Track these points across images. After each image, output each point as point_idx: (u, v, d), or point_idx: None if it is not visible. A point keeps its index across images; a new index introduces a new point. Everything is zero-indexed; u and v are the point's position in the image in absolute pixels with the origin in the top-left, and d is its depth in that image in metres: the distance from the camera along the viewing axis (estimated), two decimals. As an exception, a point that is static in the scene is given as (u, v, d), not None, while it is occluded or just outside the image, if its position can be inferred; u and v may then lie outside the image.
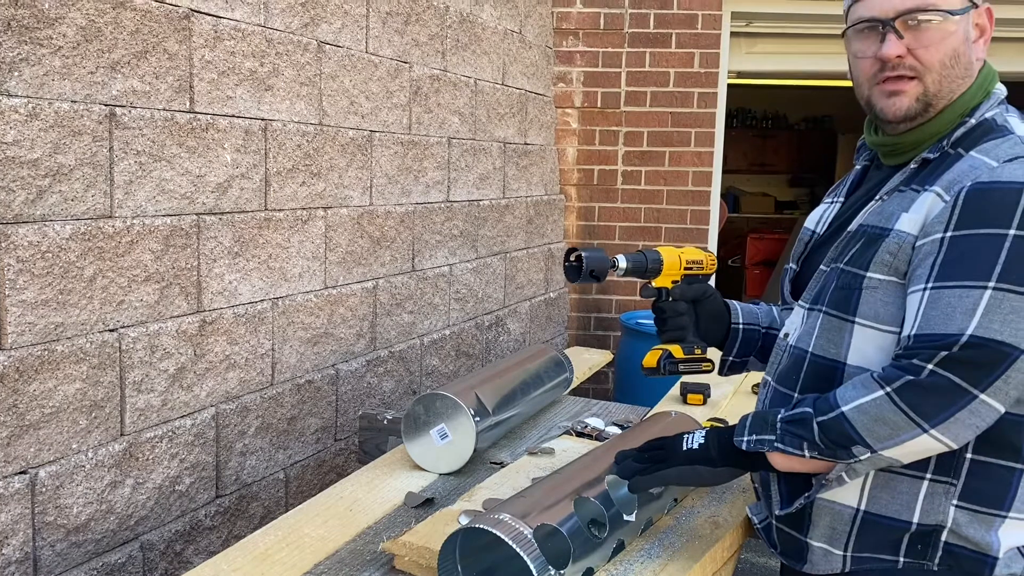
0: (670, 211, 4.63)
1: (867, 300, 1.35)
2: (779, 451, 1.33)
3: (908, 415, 1.20)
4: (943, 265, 1.24)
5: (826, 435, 1.27)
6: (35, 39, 1.82)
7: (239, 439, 2.45)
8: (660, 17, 4.52)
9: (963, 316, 1.19)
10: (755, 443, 1.35)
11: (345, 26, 2.80)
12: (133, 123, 2.05)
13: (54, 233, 1.88)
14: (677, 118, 4.57)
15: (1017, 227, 1.21)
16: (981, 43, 1.38)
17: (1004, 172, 1.25)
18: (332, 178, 2.77)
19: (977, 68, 1.39)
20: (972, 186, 1.26)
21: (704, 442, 1.44)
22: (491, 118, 3.76)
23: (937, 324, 1.21)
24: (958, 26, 1.34)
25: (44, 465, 1.90)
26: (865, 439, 1.24)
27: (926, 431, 1.20)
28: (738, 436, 1.38)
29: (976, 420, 1.20)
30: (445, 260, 3.45)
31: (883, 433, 1.23)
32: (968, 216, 1.24)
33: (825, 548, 1.42)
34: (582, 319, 4.75)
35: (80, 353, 1.96)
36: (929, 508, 1.33)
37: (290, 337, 2.62)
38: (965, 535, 1.32)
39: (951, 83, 1.36)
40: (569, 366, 2.62)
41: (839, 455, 1.28)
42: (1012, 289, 1.19)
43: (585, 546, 1.46)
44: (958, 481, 1.32)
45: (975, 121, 1.36)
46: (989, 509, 1.31)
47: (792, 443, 1.31)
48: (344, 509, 1.83)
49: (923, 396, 1.19)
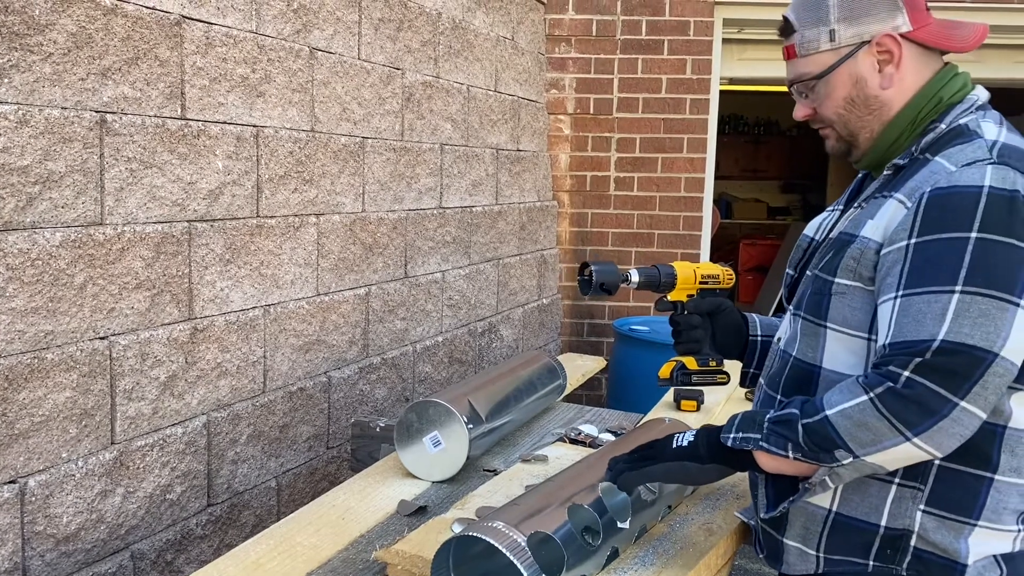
0: (663, 217, 4.64)
1: (836, 305, 1.37)
2: (764, 450, 1.33)
3: (891, 422, 1.20)
4: (910, 273, 1.25)
5: (810, 438, 1.27)
6: (25, 45, 1.81)
7: (231, 447, 2.43)
8: (652, 24, 4.53)
9: (933, 321, 1.20)
10: (741, 440, 1.36)
11: (337, 32, 2.79)
12: (124, 130, 2.04)
13: (44, 240, 1.87)
14: (669, 124, 4.58)
15: (978, 230, 1.22)
16: (892, 68, 1.40)
17: (962, 176, 1.27)
18: (324, 185, 2.76)
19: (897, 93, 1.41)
20: (931, 192, 1.28)
21: (693, 440, 1.44)
22: (484, 124, 3.76)
23: (909, 331, 1.22)
24: (839, 78, 1.42)
25: (34, 474, 1.88)
26: (848, 444, 1.24)
27: (908, 439, 1.20)
28: (725, 433, 1.39)
29: (959, 428, 1.19)
30: (438, 266, 3.44)
31: (865, 439, 1.23)
32: (929, 222, 1.26)
33: (800, 548, 1.45)
34: (575, 325, 4.75)
35: (70, 361, 1.94)
36: (896, 512, 1.34)
37: (282, 344, 2.61)
38: (932, 540, 1.33)
39: (858, 123, 1.44)
40: (562, 373, 2.62)
41: (822, 458, 1.27)
42: (979, 292, 1.20)
43: (579, 554, 1.45)
44: (925, 487, 1.33)
45: (946, 126, 1.38)
46: (957, 516, 1.32)
47: (777, 443, 1.31)
48: (336, 517, 1.82)
49: (904, 404, 1.19)
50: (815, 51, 1.43)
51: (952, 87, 1.41)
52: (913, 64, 1.41)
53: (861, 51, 1.40)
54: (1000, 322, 1.18)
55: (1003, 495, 1.31)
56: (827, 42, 1.41)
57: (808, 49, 1.43)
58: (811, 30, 1.43)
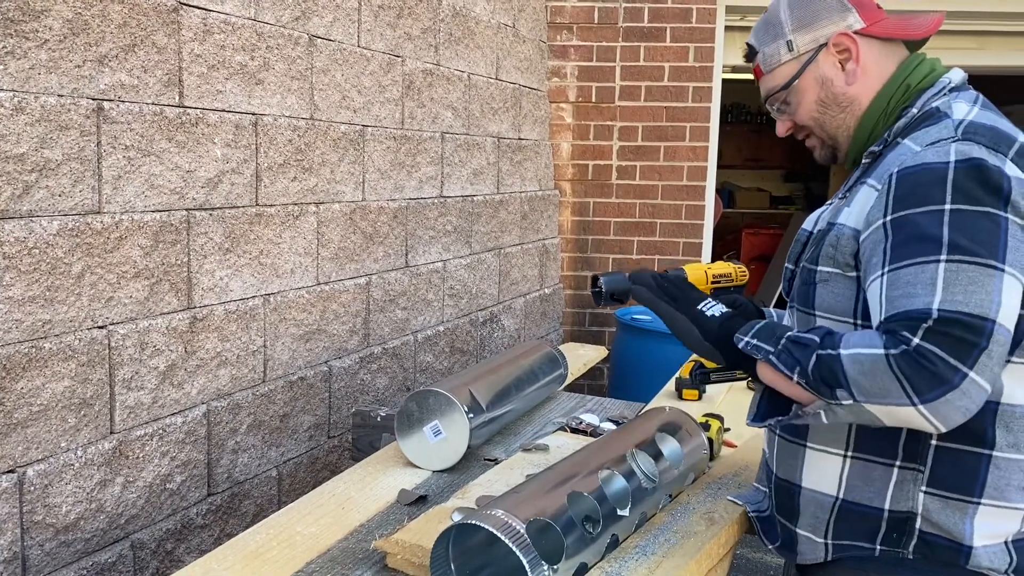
0: (665, 206, 4.62)
1: (821, 293, 1.42)
2: (771, 364, 1.33)
3: (902, 384, 1.18)
4: (893, 248, 1.27)
5: (818, 368, 1.26)
6: (20, 32, 1.80)
7: (231, 437, 2.43)
8: (654, 11, 4.50)
9: (924, 291, 1.20)
10: (752, 347, 1.36)
11: (337, 20, 2.77)
12: (121, 117, 2.03)
13: (41, 229, 1.86)
14: (672, 113, 4.56)
15: (951, 201, 1.24)
16: (852, 64, 1.47)
17: (927, 155, 1.30)
18: (324, 173, 2.74)
19: (864, 86, 1.47)
20: (899, 172, 1.31)
21: (716, 316, 1.46)
22: (485, 113, 3.74)
23: (902, 302, 1.22)
24: (806, 83, 1.50)
25: (32, 464, 1.88)
26: (851, 387, 1.22)
27: (915, 405, 1.18)
28: (740, 334, 1.39)
29: (966, 402, 1.17)
30: (439, 256, 3.43)
31: (871, 389, 1.21)
32: (902, 199, 1.28)
33: (809, 536, 1.48)
34: (577, 315, 4.73)
35: (68, 350, 1.93)
36: (899, 495, 1.37)
37: (282, 334, 2.60)
38: (936, 522, 1.34)
39: (833, 123, 1.51)
40: (564, 362, 2.61)
41: (822, 392, 1.26)
42: (964, 259, 1.20)
43: (579, 541, 1.44)
44: (925, 468, 1.35)
45: (917, 111, 1.42)
46: (958, 495, 1.33)
47: (786, 362, 1.31)
48: (336, 507, 1.81)
49: (918, 369, 1.17)
50: (778, 64, 1.52)
51: (919, 73, 1.46)
52: (874, 58, 1.47)
53: (820, 54, 1.49)
54: (989, 288, 1.19)
55: (1004, 472, 1.32)
56: (787, 53, 1.51)
57: (771, 64, 1.53)
58: (770, 46, 1.52)
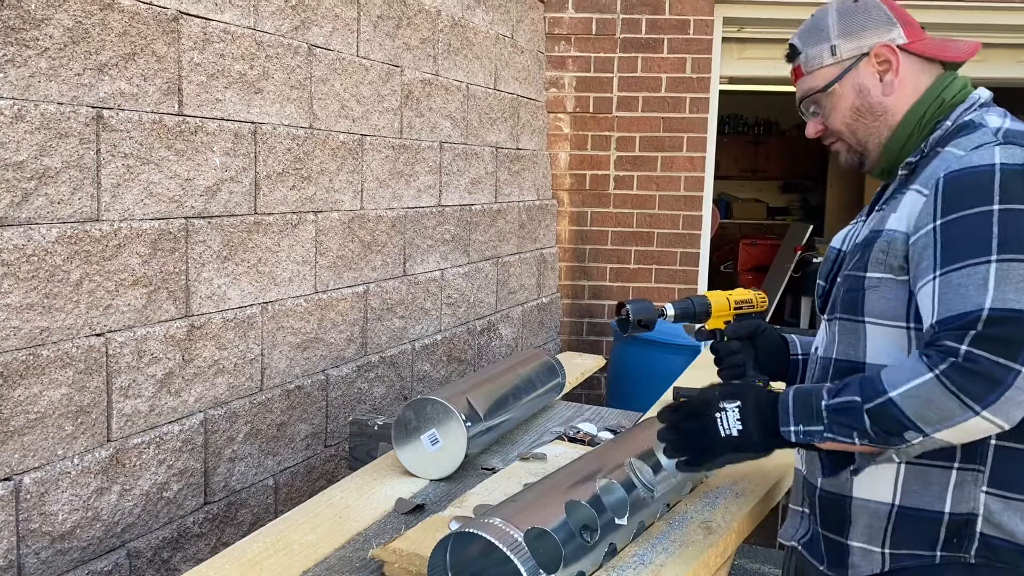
0: (662, 216, 4.63)
1: (870, 299, 1.41)
2: (829, 440, 1.32)
3: (960, 398, 1.20)
4: (943, 251, 1.29)
5: (876, 424, 1.26)
6: (21, 40, 1.80)
7: (228, 445, 2.42)
8: (652, 22, 4.52)
9: (976, 292, 1.22)
10: (804, 435, 1.34)
11: (336, 29, 2.78)
12: (121, 125, 2.03)
13: (40, 236, 1.86)
14: (669, 123, 4.57)
15: (1000, 202, 1.26)
16: (891, 75, 1.49)
17: (972, 158, 1.33)
18: (323, 182, 2.75)
19: (899, 98, 1.50)
20: (946, 175, 1.34)
21: (743, 428, 1.41)
22: (483, 122, 3.75)
23: (955, 305, 1.24)
24: (844, 89, 1.52)
25: (29, 472, 1.87)
26: (916, 423, 1.24)
27: (978, 413, 1.20)
28: (784, 426, 1.37)
29: (1023, 396, 1.19)
30: (437, 265, 3.43)
31: (934, 417, 1.22)
32: (951, 202, 1.31)
33: (864, 547, 1.43)
34: (575, 324, 4.74)
35: (66, 358, 1.93)
36: (960, 497, 1.35)
37: (280, 342, 2.60)
38: (998, 523, 1.33)
39: (865, 131, 1.52)
40: (561, 371, 2.61)
41: (891, 441, 1.27)
42: (1015, 258, 1.23)
43: (576, 550, 1.44)
44: (985, 467, 1.34)
45: (951, 123, 1.45)
46: (1021, 495, 1.33)
47: (842, 432, 1.30)
48: (334, 515, 1.81)
49: (970, 378, 1.19)
50: (819, 67, 1.53)
51: (953, 88, 1.50)
52: (912, 73, 1.50)
53: (861, 62, 1.51)
54: None
55: None
56: (829, 57, 1.52)
57: (812, 66, 1.54)
58: (814, 48, 1.54)
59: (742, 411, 1.42)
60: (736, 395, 1.44)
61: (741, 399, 1.42)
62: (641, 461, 1.73)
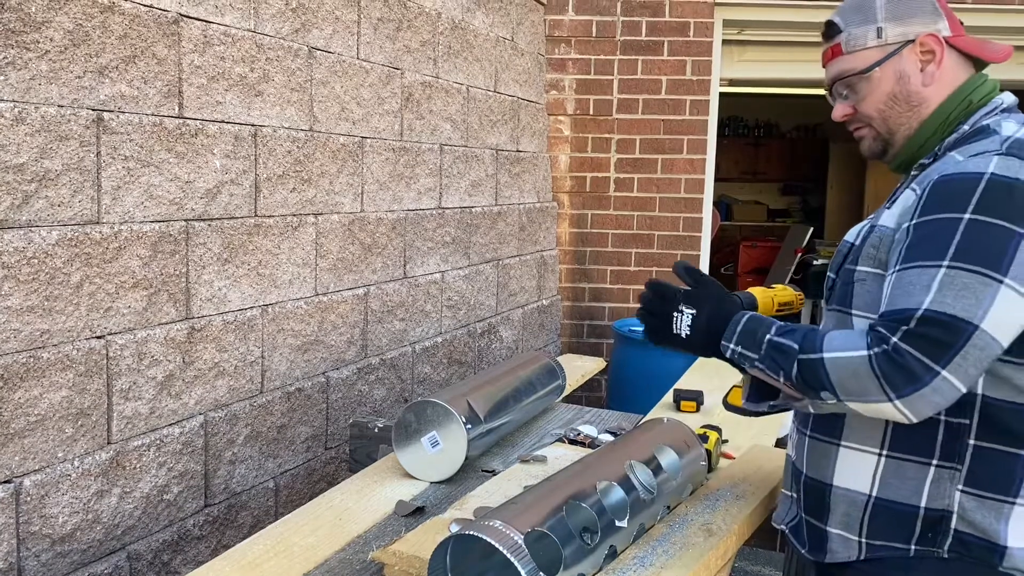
0: (663, 218, 4.63)
1: (858, 292, 1.44)
2: (757, 369, 1.41)
3: (880, 382, 1.26)
4: (907, 249, 1.33)
5: (801, 374, 1.33)
6: (21, 43, 1.80)
7: (228, 447, 2.42)
8: (652, 25, 4.52)
9: (920, 292, 1.27)
10: (739, 356, 1.43)
11: (336, 32, 2.78)
12: (121, 128, 2.03)
13: (40, 239, 1.86)
14: (669, 125, 4.57)
15: (972, 211, 1.28)
16: (933, 66, 1.48)
17: (968, 164, 1.34)
18: (323, 184, 2.75)
19: (936, 91, 1.49)
20: (938, 178, 1.36)
21: (691, 333, 1.50)
22: (483, 125, 3.75)
23: (899, 300, 1.29)
24: (883, 73, 1.49)
25: (29, 474, 1.87)
26: (835, 388, 1.30)
27: (891, 400, 1.26)
28: (725, 341, 1.44)
29: (937, 398, 1.24)
30: (437, 267, 3.43)
31: (853, 389, 1.29)
32: (930, 204, 1.34)
33: (842, 534, 1.47)
34: (575, 327, 4.73)
35: (66, 360, 1.93)
36: (935, 493, 1.38)
37: (280, 344, 2.60)
38: (972, 521, 1.36)
39: (897, 120, 1.51)
40: (562, 373, 2.61)
41: (807, 394, 1.35)
42: (963, 267, 1.26)
43: (577, 552, 1.44)
44: (962, 466, 1.36)
45: (969, 128, 1.45)
46: (995, 495, 1.35)
47: (770, 367, 1.38)
48: (334, 518, 1.81)
49: (894, 368, 1.25)
50: (862, 47, 1.50)
51: (982, 91, 1.50)
52: (951, 68, 1.50)
53: (906, 49, 1.49)
54: (982, 296, 1.24)
55: None
56: (874, 39, 1.49)
57: (854, 46, 1.51)
58: (858, 28, 1.50)
59: (695, 319, 1.50)
60: (696, 304, 1.52)
61: (698, 309, 1.50)
62: (641, 463, 1.73)
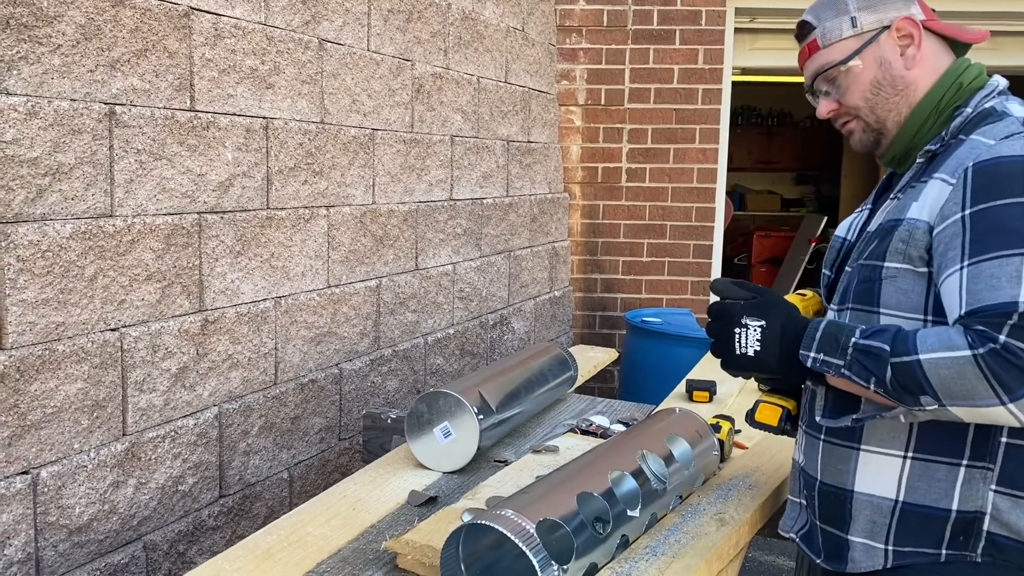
0: (675, 208, 4.61)
1: (887, 290, 1.37)
2: (843, 377, 1.31)
3: (991, 383, 1.17)
4: (973, 242, 1.25)
5: (897, 378, 1.24)
6: (34, 37, 1.81)
7: (242, 439, 2.44)
8: (664, 13, 4.50)
9: (1009, 284, 1.19)
10: (821, 364, 1.32)
11: (347, 24, 2.79)
12: (133, 121, 2.04)
13: (54, 232, 1.87)
14: (681, 115, 4.55)
15: None
16: (913, 49, 1.45)
17: (1003, 148, 1.30)
18: (334, 176, 2.76)
19: (921, 74, 1.46)
20: (976, 165, 1.30)
21: (760, 350, 1.39)
22: (494, 116, 3.75)
23: (986, 296, 1.21)
24: (864, 61, 1.47)
25: (46, 465, 1.89)
26: (937, 392, 1.21)
27: (1004, 403, 1.18)
28: (805, 350, 1.34)
29: None
30: (449, 259, 3.43)
31: (958, 392, 1.20)
32: (981, 192, 1.27)
33: (866, 543, 1.41)
34: (587, 317, 4.73)
35: (81, 352, 1.95)
36: (967, 494, 1.33)
37: (293, 336, 2.61)
38: (1006, 521, 1.31)
39: (885, 106, 1.47)
40: (574, 364, 2.61)
41: (905, 400, 1.25)
42: None
43: (589, 542, 1.44)
44: (995, 465, 1.32)
45: (972, 110, 1.42)
46: None
47: (859, 374, 1.28)
48: (347, 508, 1.82)
49: (1007, 368, 1.16)
50: (838, 39, 1.48)
51: (970, 74, 1.46)
52: (933, 51, 1.47)
53: (883, 35, 1.47)
54: None
55: None
56: (850, 29, 1.47)
57: (831, 39, 1.48)
58: (832, 21, 1.49)
59: (764, 332, 1.39)
60: (764, 314, 1.40)
61: (767, 319, 1.39)
62: (654, 453, 1.73)
